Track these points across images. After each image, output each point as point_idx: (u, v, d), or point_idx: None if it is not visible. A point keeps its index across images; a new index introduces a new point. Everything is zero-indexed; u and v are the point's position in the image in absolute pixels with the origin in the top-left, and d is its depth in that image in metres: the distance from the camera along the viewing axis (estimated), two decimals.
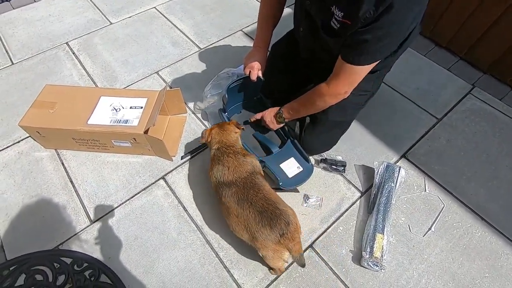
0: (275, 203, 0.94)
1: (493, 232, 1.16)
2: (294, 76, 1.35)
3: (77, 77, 1.63)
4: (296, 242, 0.91)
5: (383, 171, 1.24)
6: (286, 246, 0.90)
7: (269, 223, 0.90)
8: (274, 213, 0.91)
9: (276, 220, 0.90)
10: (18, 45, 1.77)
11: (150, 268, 1.07)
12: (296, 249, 0.90)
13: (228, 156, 1.04)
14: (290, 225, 0.90)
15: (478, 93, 1.58)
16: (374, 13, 0.77)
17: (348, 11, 0.83)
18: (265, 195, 0.95)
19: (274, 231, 0.89)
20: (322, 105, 1.06)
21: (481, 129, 1.44)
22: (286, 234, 0.88)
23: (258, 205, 0.92)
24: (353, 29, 0.84)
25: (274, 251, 0.91)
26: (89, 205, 1.21)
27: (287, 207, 0.95)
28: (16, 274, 1.04)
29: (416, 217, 1.19)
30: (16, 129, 1.35)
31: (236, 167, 1.01)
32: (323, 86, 1.00)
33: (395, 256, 1.10)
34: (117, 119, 1.21)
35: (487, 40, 1.56)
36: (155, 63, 1.70)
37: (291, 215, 0.93)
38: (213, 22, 1.93)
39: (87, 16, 1.94)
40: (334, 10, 0.87)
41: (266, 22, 1.20)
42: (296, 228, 0.92)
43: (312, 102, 1.07)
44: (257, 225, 0.91)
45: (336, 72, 0.95)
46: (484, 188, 1.26)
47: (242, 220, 0.94)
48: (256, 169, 1.05)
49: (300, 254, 0.92)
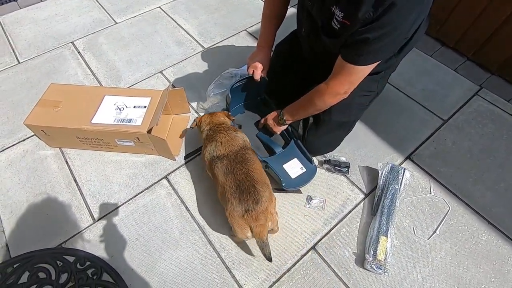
0: (254, 181, 0.96)
1: (500, 236, 1.14)
2: (297, 76, 1.34)
3: (82, 76, 1.64)
4: (259, 224, 0.91)
5: (388, 173, 1.22)
6: (248, 224, 0.92)
7: (239, 196, 0.94)
8: (248, 188, 0.94)
9: (246, 196, 0.93)
10: (24, 44, 1.79)
11: (152, 268, 1.07)
12: (257, 231, 0.91)
13: (220, 132, 1.10)
14: (258, 204, 0.92)
15: (486, 94, 1.55)
16: (374, 14, 0.76)
17: (348, 11, 0.82)
18: (249, 171, 0.99)
19: (240, 204, 0.92)
20: (321, 105, 1.05)
21: (488, 131, 1.42)
22: (250, 212, 0.91)
23: (238, 178, 0.97)
24: (353, 29, 0.83)
25: (238, 225, 0.94)
26: (92, 203, 1.21)
27: (265, 190, 0.97)
28: (19, 271, 1.05)
29: (421, 219, 1.17)
30: (21, 127, 1.37)
31: (228, 141, 1.06)
32: (322, 86, 0.99)
33: (399, 259, 1.09)
34: (120, 118, 1.21)
35: (496, 40, 1.53)
36: (159, 63, 1.70)
37: (264, 197, 0.94)
38: (217, 21, 1.93)
39: (93, 15, 1.96)
40: (335, 10, 0.86)
41: (270, 21, 1.19)
42: (264, 212, 0.93)
43: (311, 102, 1.06)
44: (230, 195, 0.95)
45: (336, 71, 0.94)
46: (491, 191, 1.24)
47: (223, 189, 0.99)
48: (247, 144, 1.10)
49: (262, 241, 0.92)
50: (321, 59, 1.14)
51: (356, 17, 0.79)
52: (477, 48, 1.63)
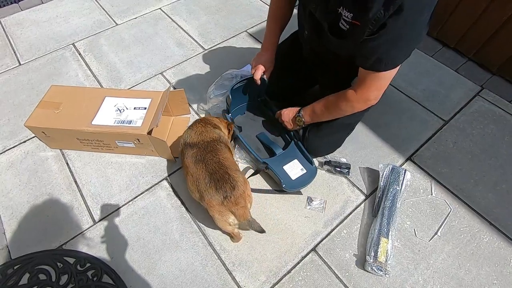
0: (227, 168, 0.99)
1: (501, 238, 1.13)
2: (299, 77, 1.34)
3: (82, 77, 1.64)
4: (240, 207, 0.94)
5: (388, 174, 1.22)
6: (229, 209, 0.94)
7: (215, 184, 0.95)
8: (222, 176, 0.96)
9: (223, 183, 0.95)
10: (25, 46, 1.79)
11: (152, 269, 1.07)
12: (240, 213, 0.94)
13: (198, 123, 1.14)
14: (235, 189, 0.95)
15: (487, 94, 1.54)
16: (385, 14, 0.76)
17: (357, 12, 0.82)
18: (220, 159, 1.01)
19: (218, 192, 0.94)
20: (349, 111, 1.05)
21: (490, 132, 1.41)
22: (229, 197, 0.93)
23: (210, 167, 0.99)
24: (363, 30, 0.82)
25: (219, 212, 0.96)
26: (92, 205, 1.21)
27: (239, 175, 1.00)
28: (20, 273, 1.05)
29: (422, 221, 1.17)
30: (22, 129, 1.37)
31: (202, 132, 1.10)
32: (351, 92, 0.99)
33: (400, 260, 1.08)
34: (121, 119, 1.21)
35: (497, 41, 1.53)
36: (159, 64, 1.70)
37: (239, 181, 0.97)
38: (218, 23, 1.93)
39: (93, 17, 1.96)
40: (342, 11, 0.85)
41: (275, 23, 1.19)
42: (242, 195, 0.96)
43: (338, 107, 1.05)
44: (205, 185, 0.97)
45: (362, 78, 0.95)
46: (493, 192, 1.23)
47: (195, 179, 1.00)
48: (222, 139, 1.11)
49: (248, 220, 0.96)
50: (323, 61, 1.13)
51: (366, 17, 0.78)
52: (478, 49, 1.62)
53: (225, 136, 1.16)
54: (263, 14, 1.94)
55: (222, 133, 1.15)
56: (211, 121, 1.18)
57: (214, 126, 1.15)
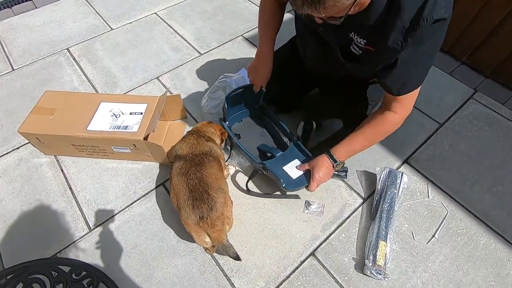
0: (208, 186, 0.96)
1: (498, 239, 1.14)
2: (298, 82, 1.33)
3: (77, 82, 1.63)
4: (215, 230, 0.92)
5: (386, 177, 1.22)
6: (205, 230, 0.92)
7: (192, 203, 0.92)
8: (201, 195, 0.93)
9: (200, 202, 0.92)
10: (19, 51, 1.77)
11: (149, 277, 1.05)
12: (215, 237, 0.92)
13: (191, 135, 1.12)
14: (213, 211, 0.92)
15: (480, 97, 1.56)
16: (403, 45, 0.78)
17: (371, 38, 0.83)
18: (203, 175, 0.98)
19: (194, 211, 0.92)
20: (392, 131, 1.05)
21: (484, 134, 1.42)
22: (205, 219, 0.91)
23: (191, 183, 0.96)
24: (380, 58, 0.85)
25: (195, 232, 0.94)
26: (88, 212, 1.19)
27: (219, 195, 0.96)
28: (13, 282, 1.02)
29: (420, 223, 1.17)
30: (15, 135, 1.35)
31: (193, 145, 1.07)
32: (393, 116, 0.99)
33: (398, 264, 1.08)
34: (116, 125, 1.20)
35: (489, 44, 1.55)
36: (155, 69, 1.69)
37: (218, 203, 0.94)
38: (214, 27, 1.93)
39: (88, 22, 1.95)
40: (354, 36, 0.87)
41: (266, 31, 1.17)
42: (219, 217, 0.92)
43: (382, 134, 1.06)
44: (183, 202, 0.94)
45: (396, 100, 0.96)
46: (489, 194, 1.24)
47: (176, 193, 0.98)
48: (214, 153, 1.08)
49: (223, 244, 0.94)
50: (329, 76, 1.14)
51: (384, 45, 0.80)
52: (471, 52, 1.65)
53: (218, 150, 1.13)
54: None
55: (215, 146, 1.12)
56: (205, 132, 1.15)
57: (207, 139, 1.12)
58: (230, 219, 0.99)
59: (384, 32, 0.78)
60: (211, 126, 1.21)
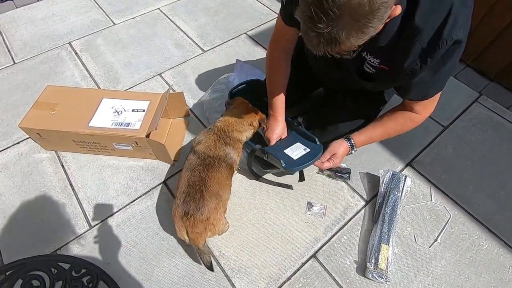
0: (205, 188, 0.96)
1: (500, 245, 1.13)
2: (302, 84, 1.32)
3: (79, 78, 1.61)
4: (194, 231, 0.93)
5: (389, 180, 1.21)
6: (185, 227, 0.94)
7: (184, 197, 0.95)
8: (195, 194, 0.95)
9: (191, 200, 0.94)
10: (20, 44, 1.75)
11: (149, 275, 1.05)
12: (192, 237, 0.93)
13: (213, 135, 1.08)
14: (199, 212, 0.93)
15: (485, 101, 1.55)
16: (421, 66, 0.77)
17: (384, 58, 0.83)
18: (206, 177, 0.98)
19: (182, 206, 0.94)
20: (411, 130, 1.05)
21: (488, 138, 1.42)
22: (189, 217, 0.92)
23: (192, 179, 0.97)
24: (396, 76, 0.84)
25: (177, 224, 0.96)
26: (88, 209, 1.18)
27: (212, 201, 0.96)
28: (12, 279, 1.02)
29: (422, 227, 1.16)
30: (16, 130, 1.33)
31: (209, 146, 1.06)
32: (414, 116, 0.99)
33: (400, 267, 1.08)
34: (118, 122, 1.19)
35: (495, 48, 1.54)
36: (158, 65, 1.68)
37: (208, 206, 0.94)
38: (217, 24, 1.91)
39: (90, 16, 1.93)
40: (366, 56, 0.86)
41: (277, 89, 1.11)
42: (203, 221, 0.93)
43: (402, 130, 1.05)
44: (179, 193, 0.98)
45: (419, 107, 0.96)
46: (492, 198, 1.24)
47: (179, 182, 1.02)
48: (229, 160, 1.07)
49: (199, 248, 0.95)
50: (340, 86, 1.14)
51: (399, 65, 0.79)
52: (476, 55, 1.63)
53: (235, 155, 1.09)
54: (263, 17, 1.93)
55: (232, 152, 1.08)
56: (228, 134, 1.08)
57: (227, 143, 1.07)
58: (215, 227, 0.97)
59: (397, 52, 0.77)
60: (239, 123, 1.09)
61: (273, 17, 1.93)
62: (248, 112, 1.12)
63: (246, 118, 1.11)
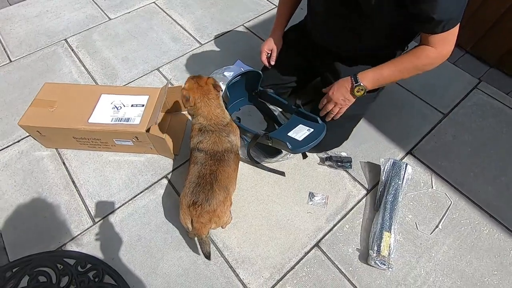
0: (216, 180, 0.97)
1: (501, 229, 1.14)
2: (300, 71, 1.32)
3: (76, 74, 1.60)
4: (200, 221, 0.93)
5: (390, 168, 1.22)
6: (191, 216, 0.94)
7: (194, 187, 0.96)
8: (205, 185, 0.95)
9: (200, 191, 0.94)
10: (16, 42, 1.74)
11: (154, 269, 1.06)
12: (197, 227, 0.94)
13: (212, 133, 1.05)
14: (207, 203, 0.93)
15: (485, 87, 1.55)
16: None
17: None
18: (218, 170, 0.98)
19: (191, 195, 0.95)
20: (428, 69, 0.98)
21: (488, 125, 1.42)
22: (197, 206, 0.93)
23: (203, 171, 0.98)
24: None
25: (183, 212, 0.97)
26: (91, 205, 1.19)
27: (221, 193, 0.96)
28: (19, 275, 1.03)
29: (423, 214, 1.17)
30: (16, 128, 1.33)
31: (215, 142, 1.04)
32: (431, 50, 0.93)
33: (402, 254, 1.09)
34: (118, 117, 1.19)
35: (494, 33, 1.53)
36: (155, 60, 1.67)
37: (216, 198, 0.95)
38: (214, 17, 1.89)
39: (86, 11, 1.91)
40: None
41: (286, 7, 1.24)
42: (209, 212, 0.94)
43: (416, 67, 0.98)
44: (188, 183, 0.98)
45: (437, 39, 0.90)
46: (492, 184, 1.24)
47: (188, 175, 1.02)
48: (234, 148, 1.07)
49: (201, 238, 0.96)
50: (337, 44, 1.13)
51: None
52: (476, 41, 1.62)
53: (236, 139, 1.09)
54: (260, 8, 1.91)
55: (235, 140, 1.08)
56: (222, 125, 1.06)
57: (226, 133, 1.06)
58: (220, 219, 0.98)
59: None
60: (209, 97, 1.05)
61: (270, 8, 1.91)
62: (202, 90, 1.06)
63: (208, 96, 1.05)
